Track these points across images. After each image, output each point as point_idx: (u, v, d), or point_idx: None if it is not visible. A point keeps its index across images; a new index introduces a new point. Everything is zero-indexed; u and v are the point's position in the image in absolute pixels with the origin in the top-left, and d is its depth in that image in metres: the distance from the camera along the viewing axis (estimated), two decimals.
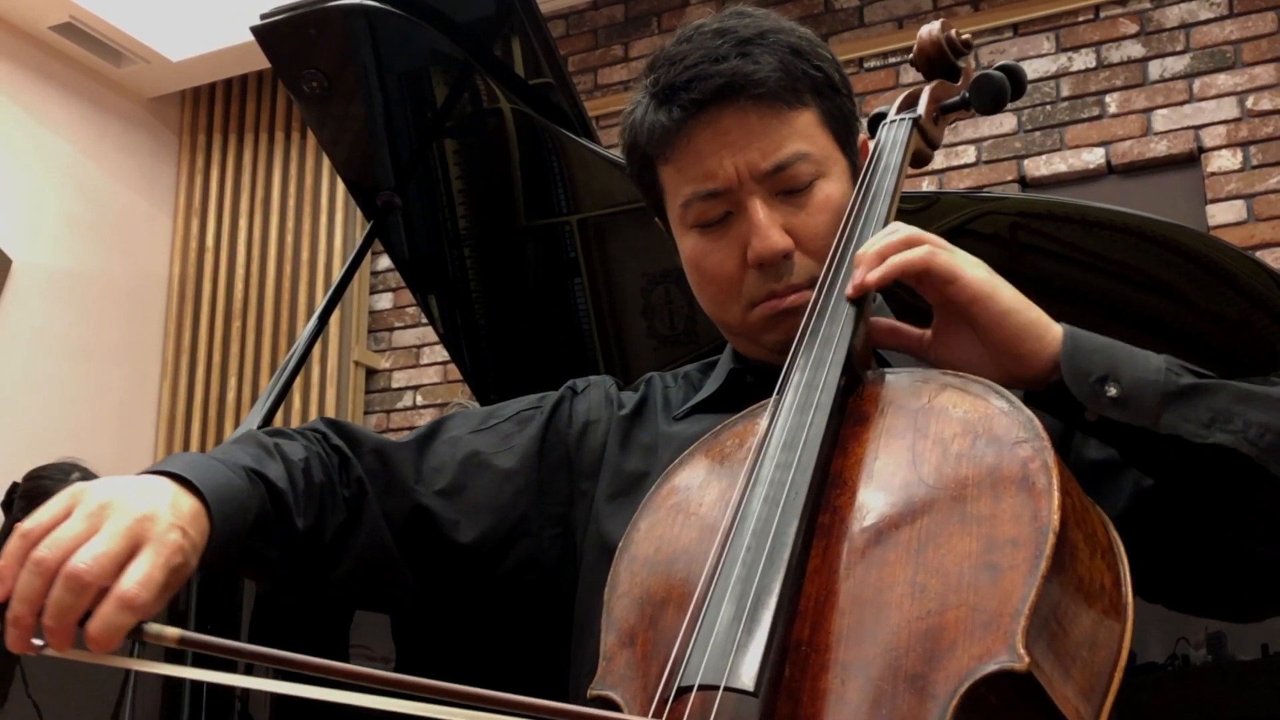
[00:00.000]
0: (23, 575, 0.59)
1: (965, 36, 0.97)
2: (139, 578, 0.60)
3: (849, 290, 0.75)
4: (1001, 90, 0.91)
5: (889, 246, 0.74)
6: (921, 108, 0.91)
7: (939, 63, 0.96)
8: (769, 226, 0.81)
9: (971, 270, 0.72)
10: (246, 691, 1.08)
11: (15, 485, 2.32)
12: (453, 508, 0.84)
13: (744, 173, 0.81)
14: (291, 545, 0.76)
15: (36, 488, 2.25)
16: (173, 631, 0.59)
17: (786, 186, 0.82)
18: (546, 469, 0.88)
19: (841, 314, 0.76)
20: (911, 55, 0.96)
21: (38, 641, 0.59)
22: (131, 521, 0.62)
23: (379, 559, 0.81)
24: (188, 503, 0.67)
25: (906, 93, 0.94)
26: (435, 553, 0.83)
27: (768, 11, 0.87)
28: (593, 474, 0.88)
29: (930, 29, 0.94)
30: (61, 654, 0.59)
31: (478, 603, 0.88)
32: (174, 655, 0.63)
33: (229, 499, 0.71)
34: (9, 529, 2.40)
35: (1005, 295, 0.72)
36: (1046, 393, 0.71)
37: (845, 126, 0.87)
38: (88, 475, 2.29)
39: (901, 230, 0.75)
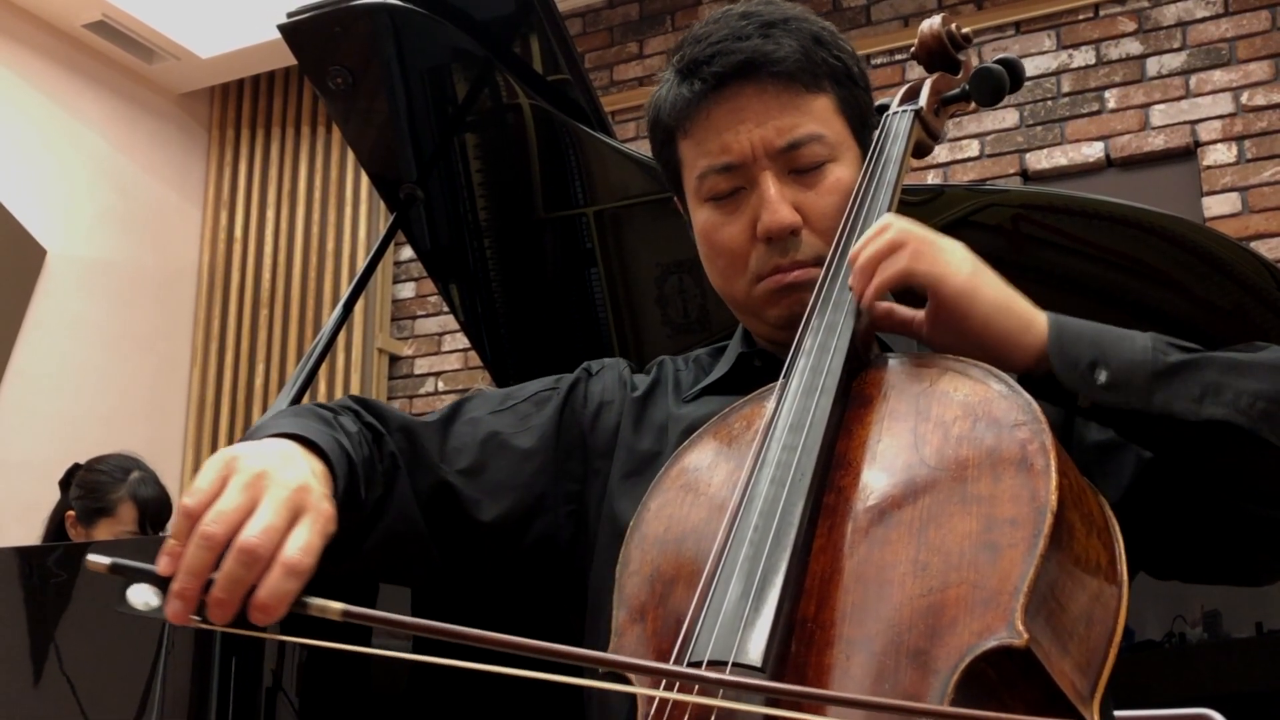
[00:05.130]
0: (190, 549, 0.58)
1: (965, 31, 0.97)
2: (301, 544, 0.60)
3: (862, 303, 0.76)
4: (1001, 83, 0.92)
5: (872, 260, 0.74)
6: (923, 99, 0.92)
7: (940, 56, 0.96)
8: (779, 201, 0.82)
9: (950, 281, 0.72)
10: (278, 669, 1.10)
11: (77, 466, 2.33)
12: (474, 486, 0.85)
13: (758, 148, 0.83)
14: (351, 516, 0.76)
15: (94, 481, 2.25)
16: (336, 605, 0.57)
17: (798, 165, 0.84)
18: (563, 448, 0.89)
19: (845, 302, 0.77)
20: (913, 49, 0.96)
21: (195, 617, 0.58)
22: (290, 493, 0.62)
23: (407, 533, 0.82)
24: (322, 470, 0.68)
25: (908, 85, 0.95)
26: (458, 529, 0.85)
27: (794, 3, 0.89)
28: (606, 453, 0.89)
29: (931, 23, 0.95)
30: (220, 627, 0.59)
31: (495, 578, 0.90)
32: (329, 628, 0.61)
33: (345, 469, 0.72)
34: (63, 510, 2.43)
35: (982, 306, 0.72)
36: (1040, 381, 0.71)
37: (860, 118, 0.88)
38: (145, 473, 2.30)
39: (888, 233, 0.75)
